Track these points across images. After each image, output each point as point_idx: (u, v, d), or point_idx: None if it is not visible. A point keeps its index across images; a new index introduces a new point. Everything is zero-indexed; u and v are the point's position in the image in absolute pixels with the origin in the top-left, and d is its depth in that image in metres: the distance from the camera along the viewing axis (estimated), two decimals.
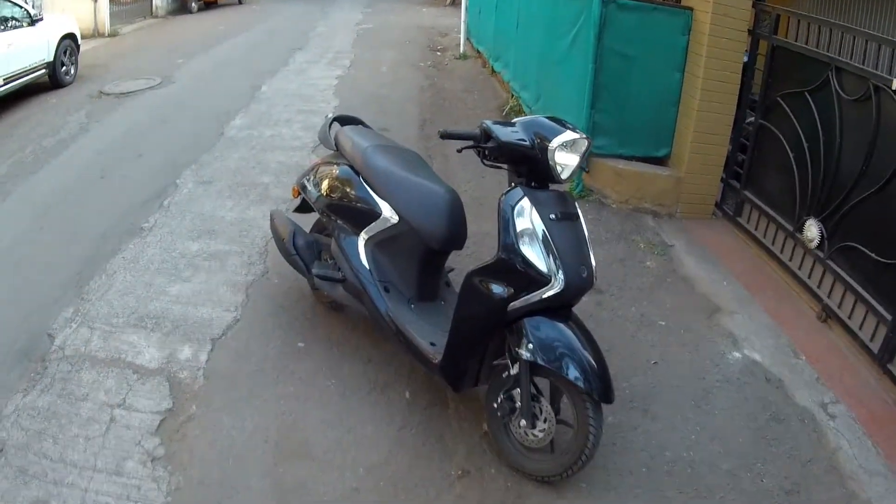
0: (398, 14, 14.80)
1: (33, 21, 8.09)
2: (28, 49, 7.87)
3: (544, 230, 2.43)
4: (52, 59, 8.33)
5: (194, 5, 15.46)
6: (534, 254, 2.42)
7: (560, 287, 2.40)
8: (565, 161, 2.48)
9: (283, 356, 3.33)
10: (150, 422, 2.86)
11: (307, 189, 3.49)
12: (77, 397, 2.99)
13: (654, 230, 4.84)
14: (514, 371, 2.57)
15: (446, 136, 2.69)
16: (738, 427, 3.03)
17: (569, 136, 2.46)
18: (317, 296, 3.70)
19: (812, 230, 4.00)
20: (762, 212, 4.62)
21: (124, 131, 6.66)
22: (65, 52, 8.69)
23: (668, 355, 3.48)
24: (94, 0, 11.83)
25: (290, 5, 15.59)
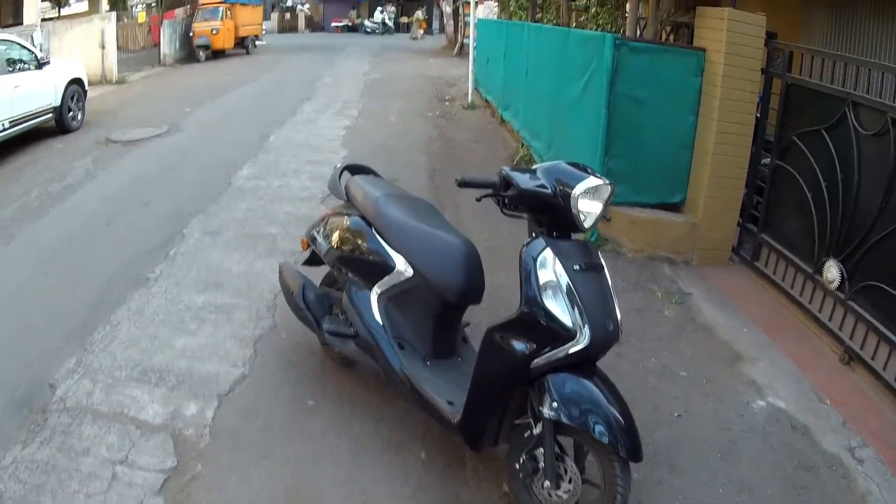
0: (405, 64, 15.06)
1: (41, 64, 8.06)
2: (35, 92, 7.85)
3: (568, 282, 2.34)
4: (59, 103, 8.32)
5: (202, 54, 15.75)
6: (558, 307, 2.33)
7: (586, 342, 2.30)
8: (588, 209, 2.40)
9: (292, 413, 3.23)
10: (153, 480, 2.76)
11: (317, 241, 3.41)
12: (78, 452, 2.91)
13: (670, 278, 4.78)
14: (536, 430, 2.46)
15: (464, 184, 2.60)
16: (766, 477, 2.95)
17: (592, 182, 2.39)
18: (326, 351, 3.59)
19: (832, 271, 3.95)
20: (780, 255, 4.55)
21: (131, 179, 6.68)
22: (72, 97, 8.71)
23: (692, 407, 3.40)
24: (102, 47, 11.99)
25: (297, 55, 15.91)
